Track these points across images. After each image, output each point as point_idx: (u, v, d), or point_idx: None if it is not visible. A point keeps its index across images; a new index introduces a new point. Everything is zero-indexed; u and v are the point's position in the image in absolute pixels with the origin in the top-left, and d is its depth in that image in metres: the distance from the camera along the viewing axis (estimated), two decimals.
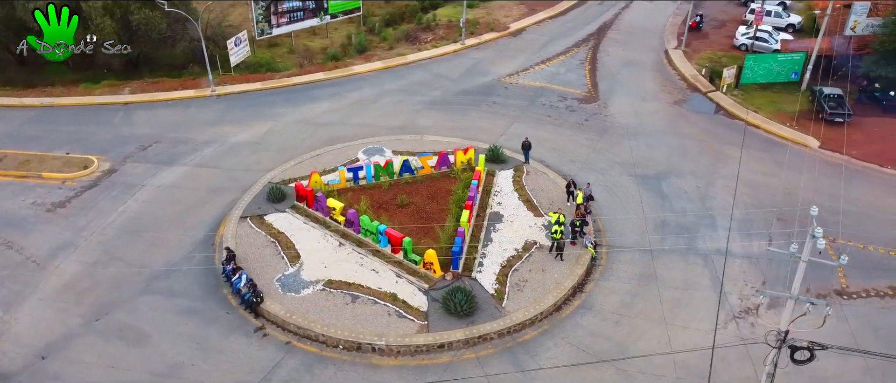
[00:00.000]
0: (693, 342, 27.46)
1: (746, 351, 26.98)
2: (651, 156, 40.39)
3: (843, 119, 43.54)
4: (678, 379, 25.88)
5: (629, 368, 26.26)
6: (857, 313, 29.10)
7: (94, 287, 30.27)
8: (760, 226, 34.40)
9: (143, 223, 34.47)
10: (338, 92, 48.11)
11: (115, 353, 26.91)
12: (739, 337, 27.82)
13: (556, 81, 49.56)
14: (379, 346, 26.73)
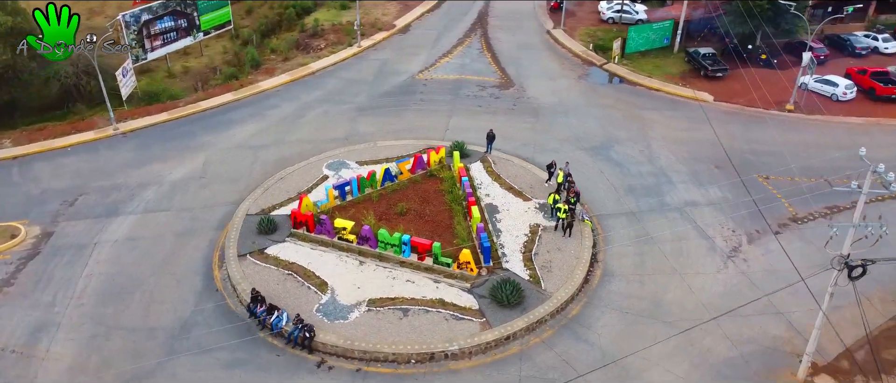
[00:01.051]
0: (709, 285, 31.07)
1: (750, 281, 31.13)
2: (587, 129, 43.80)
3: (722, 73, 50.18)
4: (715, 319, 29.21)
5: (672, 318, 29.13)
6: (815, 232, 34.50)
7: (107, 364, 27.20)
8: (706, 176, 39.05)
9: (123, 284, 31.25)
10: (256, 111, 46.04)
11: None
12: (740, 272, 31.90)
13: (468, 72, 51.39)
14: (452, 352, 27.13)
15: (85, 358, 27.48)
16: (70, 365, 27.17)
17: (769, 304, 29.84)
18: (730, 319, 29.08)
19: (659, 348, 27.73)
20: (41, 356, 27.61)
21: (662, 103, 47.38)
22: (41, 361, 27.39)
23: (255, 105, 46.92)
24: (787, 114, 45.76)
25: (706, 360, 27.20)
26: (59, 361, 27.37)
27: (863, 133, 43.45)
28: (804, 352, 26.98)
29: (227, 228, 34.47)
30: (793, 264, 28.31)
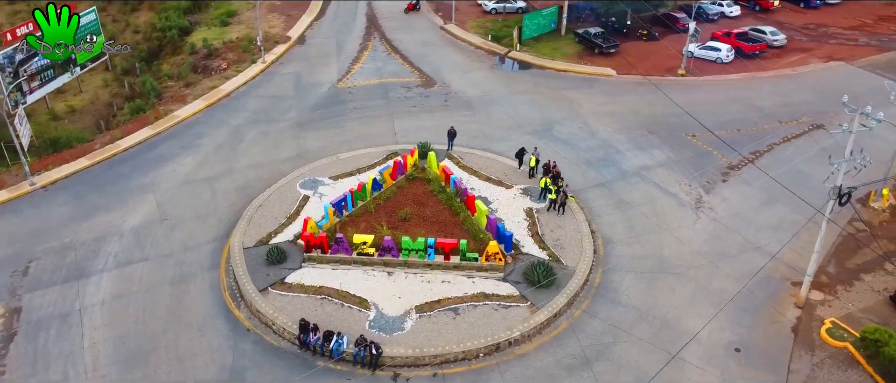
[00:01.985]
0: (693, 236, 35.10)
1: (723, 226, 35.66)
2: (523, 115, 46.46)
3: (614, 49, 55.33)
4: (712, 262, 33.24)
5: (678, 269, 32.68)
6: (751, 175, 39.97)
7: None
8: (644, 141, 43.40)
9: (139, 344, 28.90)
10: (185, 143, 43.37)
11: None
12: (712, 220, 36.34)
13: (386, 75, 51.90)
14: (514, 338, 28.50)
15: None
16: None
17: (746, 242, 34.44)
18: (722, 261, 33.30)
19: (681, 297, 31.14)
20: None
21: (576, 82, 51.28)
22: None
23: (180, 136, 44.08)
24: (681, 79, 51.63)
25: (723, 299, 30.92)
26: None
27: (746, 87, 50.40)
28: (791, 275, 31.85)
29: (223, 266, 32.79)
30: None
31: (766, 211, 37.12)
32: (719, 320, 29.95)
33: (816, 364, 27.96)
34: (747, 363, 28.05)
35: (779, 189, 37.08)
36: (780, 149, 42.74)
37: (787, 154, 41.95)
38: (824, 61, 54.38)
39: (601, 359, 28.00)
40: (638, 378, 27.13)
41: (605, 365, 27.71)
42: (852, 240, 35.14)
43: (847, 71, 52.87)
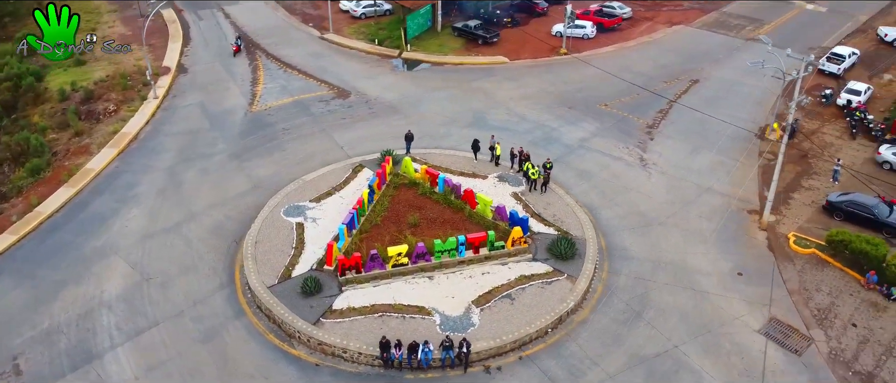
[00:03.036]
0: (655, 190, 39.83)
1: (673, 176, 40.97)
2: (449, 110, 48.40)
3: (496, 38, 59.19)
4: (682, 209, 38.24)
5: (660, 220, 37.18)
6: (669, 130, 45.92)
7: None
8: (569, 116, 47.64)
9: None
10: (120, 196, 39.51)
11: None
12: (661, 173, 41.49)
13: (295, 92, 50.78)
14: (570, 308, 30.99)
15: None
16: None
17: (697, 186, 40.00)
18: (689, 206, 38.47)
19: (674, 242, 35.65)
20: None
21: (476, 73, 54.17)
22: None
23: (109, 190, 39.92)
24: (564, 57, 56.80)
25: (707, 237, 35.95)
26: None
27: (621, 57, 56.93)
28: (744, 206, 37.89)
29: (249, 311, 31.21)
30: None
31: (696, 157, 43.04)
32: (712, 253, 34.83)
33: (799, 270, 33.84)
34: (751, 282, 33.12)
35: (697, 138, 43.66)
36: (677, 105, 49.29)
37: (686, 106, 48.58)
38: (669, 26, 62.83)
39: (646, 309, 31.37)
40: (682, 316, 30.93)
41: (653, 313, 31.13)
42: (769, 168, 42.14)
43: (690, 32, 61.76)
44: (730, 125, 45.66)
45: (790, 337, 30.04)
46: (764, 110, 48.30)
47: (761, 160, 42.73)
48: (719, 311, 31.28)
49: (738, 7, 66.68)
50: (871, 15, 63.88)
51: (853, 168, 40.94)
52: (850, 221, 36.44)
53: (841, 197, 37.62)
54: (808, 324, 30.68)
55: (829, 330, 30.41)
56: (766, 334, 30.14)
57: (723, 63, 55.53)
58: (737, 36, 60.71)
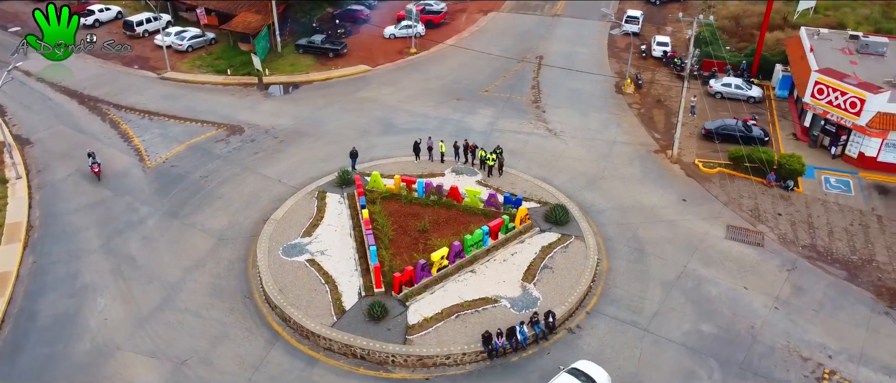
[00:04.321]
0: (580, 152, 45.68)
1: (582, 137, 47.33)
2: (355, 123, 48.86)
3: (345, 49, 60.43)
4: (608, 162, 44.70)
5: (600, 177, 43.10)
6: (550, 102, 52.25)
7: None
8: (463, 106, 51.41)
9: None
10: (70, 292, 34.01)
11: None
12: (572, 137, 47.60)
13: (183, 137, 46.81)
14: (598, 261, 35.31)
15: None
16: None
17: (607, 141, 46.83)
18: (611, 158, 45.01)
19: (625, 189, 41.81)
20: None
21: (351, 85, 55.06)
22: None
23: (50, 290, 33.85)
24: (418, 55, 60.19)
25: (641, 179, 42.64)
26: None
27: (465, 47, 61.88)
28: (647, 148, 45.62)
29: (320, 355, 30.37)
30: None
31: (587, 119, 49.88)
32: (654, 190, 41.68)
33: (720, 186, 42.23)
34: (695, 204, 40.56)
35: (577, 104, 51.07)
36: (542, 80, 55.83)
37: (551, 80, 55.36)
38: (485, 14, 69.39)
39: (644, 245, 36.90)
40: (671, 243, 37.01)
41: (650, 247, 36.77)
42: (643, 115, 50.71)
43: (505, 17, 69.11)
44: (593, 87, 53.36)
45: (748, 235, 37.88)
46: (605, 70, 56.96)
47: (633, 110, 50.98)
48: (691, 232, 38.02)
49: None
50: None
51: (693, 99, 51.02)
52: (725, 141, 45.85)
53: (713, 124, 47.04)
54: (752, 223, 38.87)
55: (767, 223, 38.91)
56: (731, 239, 37.56)
57: (550, 39, 63.56)
58: (543, 14, 69.38)
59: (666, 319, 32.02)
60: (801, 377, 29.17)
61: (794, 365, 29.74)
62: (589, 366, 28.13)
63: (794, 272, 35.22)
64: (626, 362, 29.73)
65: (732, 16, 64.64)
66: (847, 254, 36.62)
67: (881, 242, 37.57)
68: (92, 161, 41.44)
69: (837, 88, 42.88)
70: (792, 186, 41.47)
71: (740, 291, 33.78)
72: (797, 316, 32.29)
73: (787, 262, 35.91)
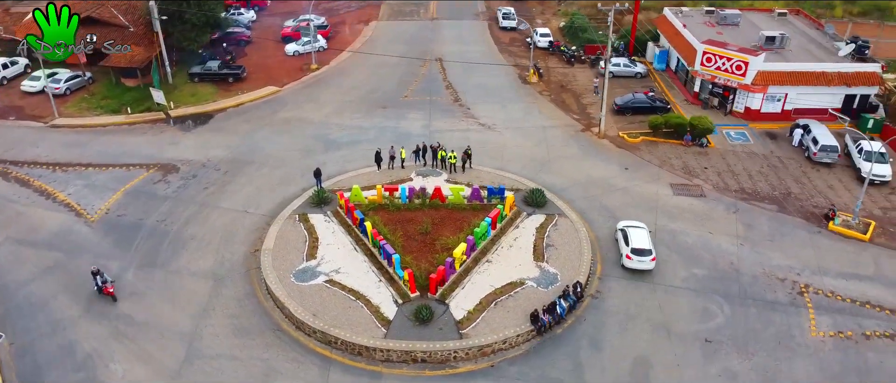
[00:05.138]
0: (517, 141, 49.03)
1: (516, 125, 50.76)
2: (293, 144, 47.90)
3: (245, 72, 58.69)
4: (548, 146, 48.48)
5: (550, 158, 46.75)
6: (469, 100, 55.10)
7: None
8: (391, 113, 52.61)
9: None
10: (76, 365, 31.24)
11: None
12: (506, 128, 50.87)
13: (115, 185, 42.88)
14: (586, 234, 38.86)
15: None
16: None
17: (536, 127, 50.70)
18: (547, 142, 48.86)
19: (574, 168, 45.73)
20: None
21: (269, 106, 53.80)
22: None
23: (53, 364, 30.83)
24: (319, 71, 60.15)
25: (582, 156, 46.90)
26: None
27: (362, 57, 62.73)
28: (573, 128, 50.20)
29: (384, 368, 30.79)
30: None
31: (510, 110, 53.33)
32: (598, 164, 46.09)
33: (649, 151, 47.63)
34: (636, 170, 45.40)
35: (494, 97, 54.70)
36: (451, 80, 58.46)
37: (460, 79, 58.18)
38: (365, 23, 70.52)
39: (617, 213, 40.66)
40: (635, 206, 41.37)
41: (621, 213, 40.75)
42: (556, 99, 55.27)
43: (386, 24, 71.06)
44: (500, 81, 57.08)
45: (690, 189, 43.43)
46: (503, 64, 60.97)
47: (545, 97, 55.40)
48: (644, 194, 42.77)
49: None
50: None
51: (595, 81, 56.60)
52: (637, 113, 51.61)
53: (623, 99, 52.62)
54: (688, 179, 44.56)
55: (699, 176, 44.78)
56: (678, 194, 42.87)
57: (439, 41, 66.34)
58: (422, 19, 71.98)
59: (663, 271, 36.06)
60: (787, 294, 34.57)
61: (777, 286, 35.12)
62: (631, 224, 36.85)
63: (739, 213, 41.06)
64: (653, 313, 33.27)
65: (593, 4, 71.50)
66: (769, 191, 43.32)
67: (789, 177, 44.83)
68: (100, 280, 33.53)
69: (723, 55, 50.04)
70: (705, 143, 47.85)
71: (707, 236, 38.84)
72: (759, 248, 37.92)
73: (730, 206, 41.72)
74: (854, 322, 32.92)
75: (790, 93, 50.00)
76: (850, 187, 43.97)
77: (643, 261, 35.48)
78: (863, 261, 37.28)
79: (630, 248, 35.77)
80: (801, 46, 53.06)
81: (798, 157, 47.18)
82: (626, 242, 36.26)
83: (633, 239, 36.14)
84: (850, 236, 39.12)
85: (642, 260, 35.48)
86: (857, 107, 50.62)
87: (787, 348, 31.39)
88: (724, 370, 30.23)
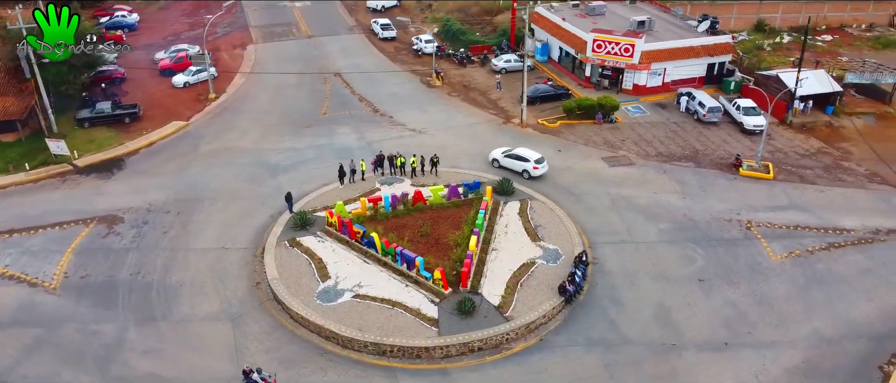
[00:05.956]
0: (457, 141, 51.45)
1: (456, 131, 53.28)
2: (234, 175, 46.01)
3: (140, 110, 55.12)
4: (492, 141, 51.61)
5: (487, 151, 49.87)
6: (387, 111, 56.58)
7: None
8: (321, 130, 52.62)
9: None
10: None
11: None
12: (446, 129, 53.18)
13: (59, 246, 38.98)
14: (567, 211, 42.54)
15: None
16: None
17: (462, 125, 53.67)
18: (482, 138, 52.00)
19: None
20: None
21: (185, 141, 50.67)
22: None
23: None
24: (220, 98, 57.99)
25: (515, 144, 50.43)
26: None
27: (258, 78, 61.40)
28: (500, 120, 53.96)
29: (450, 366, 32.03)
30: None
31: (430, 113, 55.59)
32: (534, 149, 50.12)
33: (571, 133, 52.50)
34: (568, 151, 49.87)
35: (408, 103, 56.83)
36: (361, 93, 59.42)
37: (368, 90, 59.37)
38: (243, 48, 68.69)
39: (573, 190, 44.70)
40: (587, 180, 45.75)
41: (577, 189, 44.90)
42: (468, 99, 58.52)
43: (268, 47, 69.81)
44: (407, 88, 59.28)
45: (621, 160, 48.88)
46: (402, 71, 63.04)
47: (455, 97, 58.48)
48: (586, 170, 47.35)
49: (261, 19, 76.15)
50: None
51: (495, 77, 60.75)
52: (545, 102, 56.46)
53: (530, 90, 57.14)
54: (614, 151, 50.05)
55: (622, 148, 50.41)
56: (613, 166, 48.09)
57: (329, 56, 66.71)
58: (299, 37, 71.57)
59: (637, 231, 40.67)
60: (739, 231, 40.73)
61: (728, 227, 41.20)
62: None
63: (667, 173, 47.06)
64: (648, 267, 37.58)
65: (459, 8, 75.77)
66: (681, 152, 50.00)
67: (690, 137, 52.00)
68: (260, 378, 28.54)
69: (612, 40, 56.37)
70: (614, 119, 53.75)
71: (655, 196, 44.22)
72: (699, 199, 43.99)
73: (658, 169, 47.64)
74: (796, 243, 39.70)
75: (668, 67, 57.48)
76: (738, 139, 52.02)
77: (545, 165, 45.33)
78: (776, 194, 44.69)
79: (534, 160, 44.72)
80: (664, 28, 61.05)
81: (689, 121, 54.67)
82: (522, 159, 45.23)
83: (523, 152, 45.44)
84: (758, 177, 46.55)
85: (545, 165, 45.27)
86: (717, 73, 59.46)
87: (760, 272, 37.20)
88: (724, 301, 35.19)
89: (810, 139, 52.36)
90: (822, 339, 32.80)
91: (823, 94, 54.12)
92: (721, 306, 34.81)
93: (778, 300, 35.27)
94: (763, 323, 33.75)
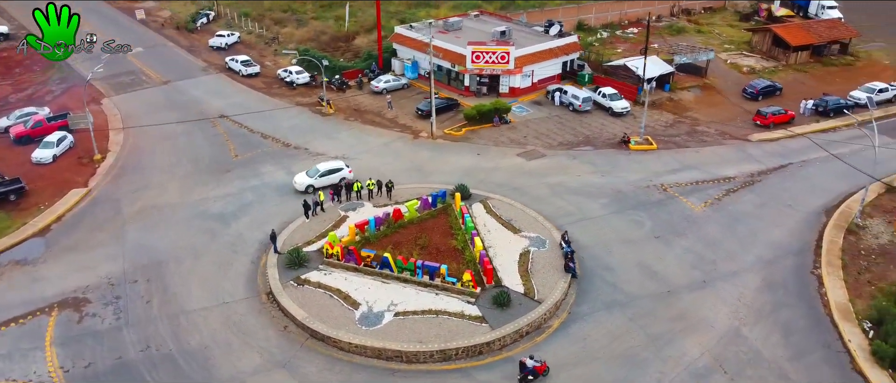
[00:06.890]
0: (390, 158, 53.52)
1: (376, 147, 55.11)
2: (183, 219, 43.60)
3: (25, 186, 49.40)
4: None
5: (426, 163, 52.92)
6: (290, 127, 56.78)
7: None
8: (252, 166, 51.51)
9: None
10: None
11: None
12: (350, 150, 54.80)
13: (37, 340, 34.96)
14: (531, 216, 47.13)
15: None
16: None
17: (378, 144, 55.99)
18: (403, 153, 54.71)
19: (445, 165, 52.87)
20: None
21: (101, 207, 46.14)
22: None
23: None
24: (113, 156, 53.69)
25: (440, 155, 53.94)
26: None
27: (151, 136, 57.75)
28: (404, 137, 57.21)
29: (501, 354, 34.93)
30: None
31: (341, 141, 56.58)
32: (456, 157, 53.98)
33: (479, 139, 57.35)
34: (484, 152, 54.56)
35: (316, 136, 57.73)
36: (260, 129, 58.63)
37: (267, 127, 58.87)
38: (98, 102, 63.22)
39: (514, 184, 49.57)
40: (512, 175, 50.82)
41: (517, 184, 49.74)
42: (366, 121, 60.60)
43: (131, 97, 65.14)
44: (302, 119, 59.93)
45: (534, 154, 54.75)
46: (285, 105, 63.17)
47: (352, 120, 60.43)
48: (512, 166, 52.37)
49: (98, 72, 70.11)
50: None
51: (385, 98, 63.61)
52: (439, 114, 60.48)
53: (422, 105, 60.72)
54: (524, 147, 55.87)
55: (528, 144, 56.42)
56: (531, 160, 53.80)
57: (202, 100, 64.12)
58: (154, 83, 67.55)
59: (586, 209, 46.61)
60: (659, 195, 48.44)
61: (650, 191, 48.87)
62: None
63: (577, 158, 53.95)
64: (611, 236, 43.47)
65: (310, 38, 76.73)
66: (575, 139, 57.30)
67: (576, 125, 59.65)
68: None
69: (489, 51, 62.21)
70: (509, 120, 59.67)
71: (580, 179, 50.67)
72: (614, 175, 51.24)
73: (567, 156, 54.34)
74: (705, 194, 48.46)
75: (535, 69, 64.81)
76: (611, 121, 60.76)
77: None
78: (667, 160, 53.58)
79: (345, 166, 48.66)
80: (519, 35, 68.36)
81: (566, 112, 62.37)
82: (335, 170, 47.94)
83: (331, 165, 48.21)
84: (646, 150, 55.27)
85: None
86: (570, 69, 68.25)
87: (694, 222, 45.11)
88: (683, 249, 42.32)
89: (664, 113, 62.75)
90: (766, 262, 41.11)
91: (662, 75, 64.98)
92: (683, 253, 41.78)
93: (718, 240, 43.16)
94: (720, 259, 41.28)
